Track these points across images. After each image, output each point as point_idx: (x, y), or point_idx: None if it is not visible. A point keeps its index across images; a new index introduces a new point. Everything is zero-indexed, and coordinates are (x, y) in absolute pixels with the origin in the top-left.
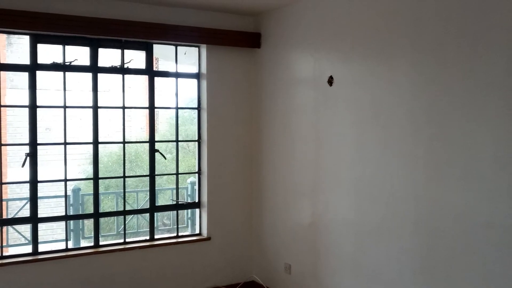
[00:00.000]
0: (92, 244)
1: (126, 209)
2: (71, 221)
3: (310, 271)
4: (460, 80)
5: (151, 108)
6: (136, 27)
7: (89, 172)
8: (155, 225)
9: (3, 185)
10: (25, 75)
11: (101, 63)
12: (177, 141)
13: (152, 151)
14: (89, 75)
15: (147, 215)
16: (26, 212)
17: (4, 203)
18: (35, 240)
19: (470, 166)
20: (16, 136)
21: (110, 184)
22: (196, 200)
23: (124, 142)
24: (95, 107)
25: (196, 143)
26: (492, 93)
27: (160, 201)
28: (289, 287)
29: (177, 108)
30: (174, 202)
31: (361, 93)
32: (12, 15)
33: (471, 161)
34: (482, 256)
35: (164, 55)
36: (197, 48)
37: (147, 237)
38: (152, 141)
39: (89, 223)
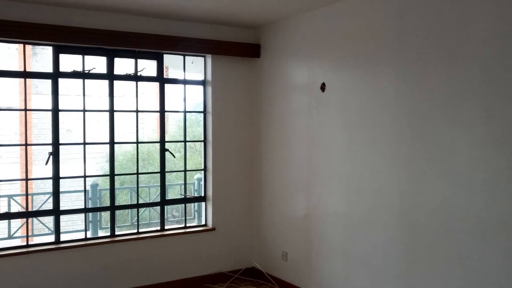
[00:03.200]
0: (108, 234)
1: (139, 203)
2: (90, 213)
3: (304, 258)
4: (439, 86)
5: (162, 111)
6: (148, 39)
7: (106, 169)
8: (165, 217)
9: (29, 181)
10: (48, 82)
11: (117, 71)
12: (185, 141)
13: (163, 150)
14: (106, 82)
15: (158, 208)
16: (49, 205)
17: (29, 197)
18: (57, 230)
19: (448, 164)
20: (40, 137)
21: (125, 180)
22: (202, 194)
23: (137, 142)
24: (111, 111)
25: (202, 143)
26: (468, 98)
27: (170, 195)
28: (286, 272)
29: (185, 112)
30: (182, 196)
31: (350, 98)
32: (37, 28)
33: (449, 160)
34: (458, 245)
35: (173, 64)
36: (203, 58)
37: (158, 228)
38: (162, 141)
39: (106, 215)
